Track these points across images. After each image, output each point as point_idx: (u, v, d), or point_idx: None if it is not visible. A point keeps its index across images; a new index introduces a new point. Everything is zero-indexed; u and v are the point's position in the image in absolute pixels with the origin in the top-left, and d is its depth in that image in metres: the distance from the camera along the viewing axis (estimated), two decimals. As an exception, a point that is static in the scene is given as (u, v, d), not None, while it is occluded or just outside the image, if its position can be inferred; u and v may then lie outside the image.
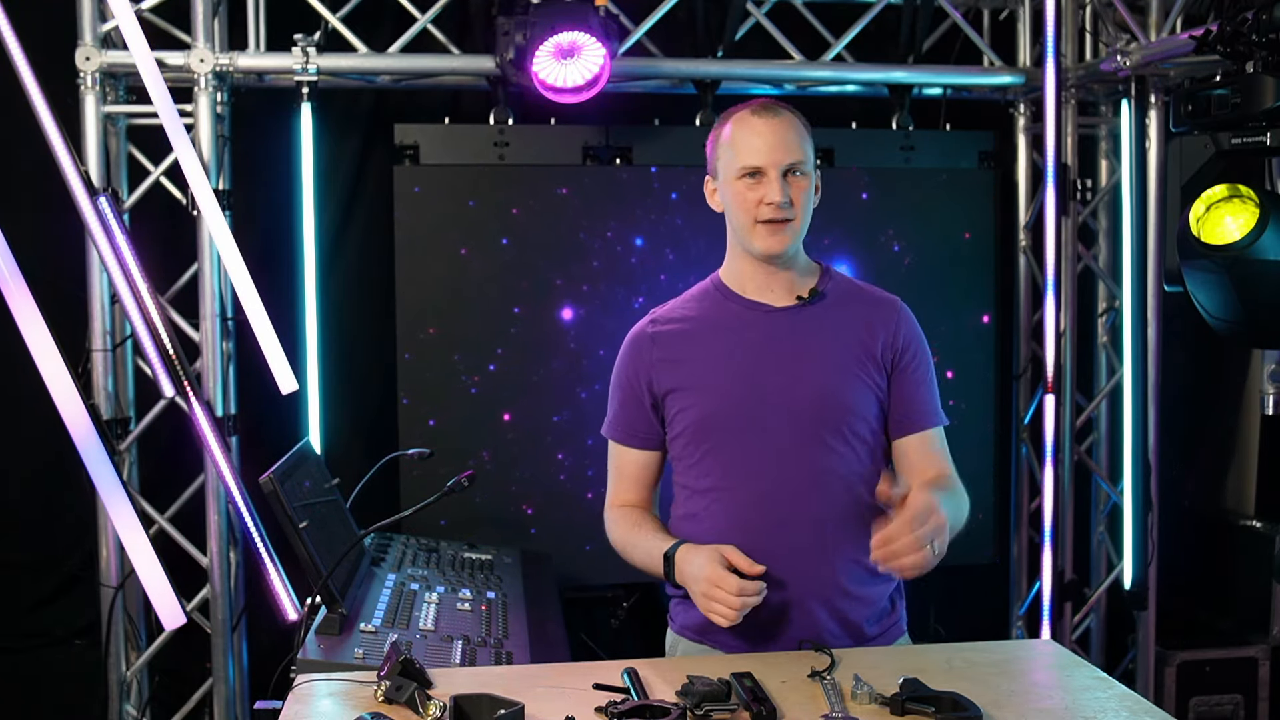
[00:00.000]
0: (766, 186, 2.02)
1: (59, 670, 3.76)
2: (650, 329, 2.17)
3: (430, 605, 2.50)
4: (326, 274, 3.69)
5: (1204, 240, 2.54)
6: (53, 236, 3.36)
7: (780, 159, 2.02)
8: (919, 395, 2.13)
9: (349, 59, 3.56)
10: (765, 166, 2.02)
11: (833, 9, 3.93)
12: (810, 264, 2.17)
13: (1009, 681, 1.86)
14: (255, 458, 3.23)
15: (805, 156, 2.05)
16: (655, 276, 3.73)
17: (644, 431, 2.18)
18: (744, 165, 2.03)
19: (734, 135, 2.06)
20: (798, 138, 2.04)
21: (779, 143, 2.02)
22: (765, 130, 2.03)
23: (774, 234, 2.04)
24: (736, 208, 2.07)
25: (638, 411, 2.17)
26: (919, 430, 2.13)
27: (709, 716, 1.69)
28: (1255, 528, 4.08)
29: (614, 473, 2.23)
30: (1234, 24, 2.47)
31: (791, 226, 2.05)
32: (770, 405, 2.06)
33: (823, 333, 2.10)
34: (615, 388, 2.20)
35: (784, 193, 2.01)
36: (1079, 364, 3.97)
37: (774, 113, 2.05)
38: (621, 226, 3.76)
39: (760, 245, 2.06)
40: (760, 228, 2.05)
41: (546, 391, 3.74)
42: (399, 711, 1.72)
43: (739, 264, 2.14)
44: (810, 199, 2.08)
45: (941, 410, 2.17)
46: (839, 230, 3.86)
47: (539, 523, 3.74)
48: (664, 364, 2.13)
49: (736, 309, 2.13)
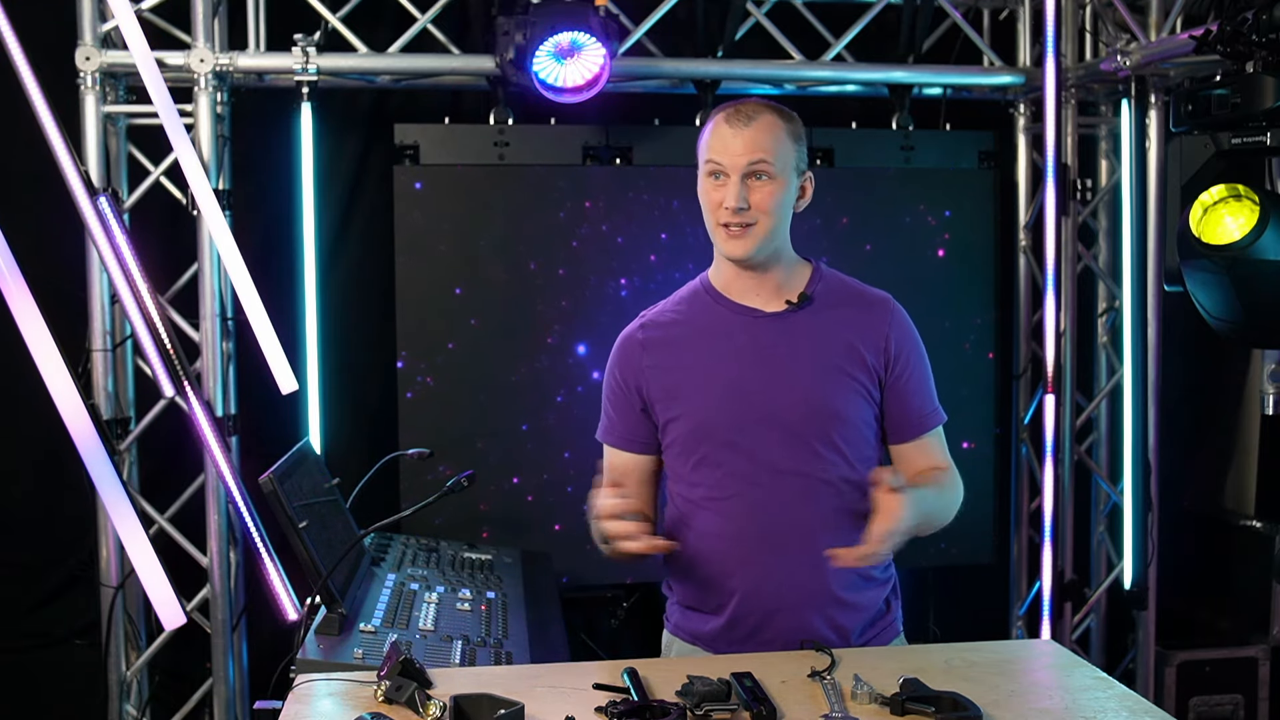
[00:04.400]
0: (725, 189, 1.99)
1: (59, 670, 3.76)
2: (640, 334, 2.15)
3: (430, 605, 2.50)
4: (326, 274, 3.69)
5: (1204, 240, 2.54)
6: (53, 236, 3.37)
7: (740, 162, 1.97)
8: (914, 401, 2.11)
9: (349, 59, 3.56)
10: (726, 167, 1.99)
11: (833, 9, 3.93)
12: (798, 263, 2.13)
13: (1009, 681, 1.86)
14: (255, 458, 3.24)
15: (774, 159, 1.98)
16: (656, 276, 3.73)
17: (638, 435, 2.16)
18: (707, 160, 2.01)
19: (707, 133, 2.04)
20: (770, 140, 1.99)
21: (743, 144, 1.97)
22: (731, 131, 1.98)
23: (733, 238, 2.01)
24: (703, 207, 2.06)
25: (631, 416, 2.15)
26: (916, 437, 2.12)
27: (709, 716, 1.69)
28: (1255, 528, 4.08)
29: (608, 476, 2.19)
30: (1234, 24, 2.47)
31: (753, 231, 1.99)
32: (759, 415, 2.04)
33: (811, 339, 2.07)
34: (608, 392, 2.18)
35: (740, 196, 1.96)
36: (1079, 364, 3.97)
37: (748, 116, 1.99)
38: (622, 226, 3.76)
39: (722, 248, 2.04)
40: (720, 230, 2.02)
41: (546, 391, 3.74)
42: (399, 711, 1.72)
43: (723, 267, 2.12)
44: (779, 203, 2.01)
45: (939, 408, 2.15)
46: (839, 230, 3.86)
47: (538, 522, 3.74)
48: (654, 370, 2.11)
49: (725, 313, 2.10)
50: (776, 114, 2.03)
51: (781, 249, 2.08)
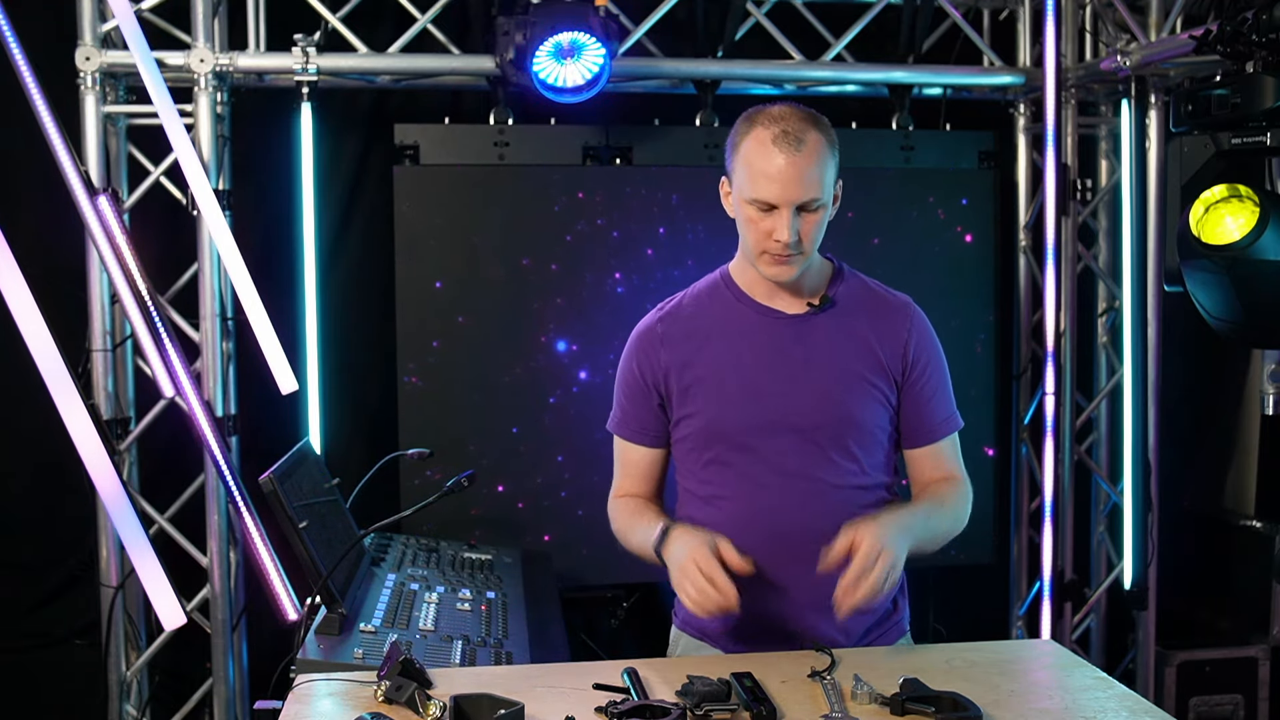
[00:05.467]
0: (777, 220, 1.95)
1: (59, 670, 3.76)
2: (659, 327, 2.14)
3: (430, 605, 2.50)
4: (326, 274, 3.69)
5: (1204, 240, 2.54)
6: (53, 236, 3.37)
7: (794, 197, 1.93)
8: (930, 407, 2.11)
9: (349, 59, 3.56)
10: (779, 204, 1.95)
11: (833, 9, 3.93)
12: (821, 263, 2.13)
13: (1009, 681, 1.86)
14: (255, 458, 3.24)
15: (823, 190, 1.96)
16: (656, 276, 3.73)
17: (652, 429, 2.16)
18: (756, 198, 1.96)
19: (750, 158, 1.96)
20: (818, 171, 1.94)
21: (795, 180, 1.92)
22: (783, 166, 1.92)
23: (778, 263, 2.00)
24: (745, 230, 2.02)
25: (645, 409, 2.14)
26: (930, 443, 2.12)
27: (709, 716, 1.69)
28: (1255, 528, 4.08)
29: (620, 468, 2.21)
30: (1234, 24, 2.47)
31: (798, 259, 2.00)
32: (775, 418, 2.04)
33: (831, 342, 2.07)
34: (622, 384, 2.18)
35: (793, 230, 1.95)
36: (1079, 364, 3.97)
37: (795, 146, 1.92)
38: (622, 227, 3.75)
39: (766, 272, 2.03)
40: (766, 256, 2.00)
41: (546, 391, 3.74)
42: (399, 711, 1.72)
43: (748, 269, 2.10)
44: (823, 227, 2.01)
45: (956, 414, 2.15)
46: (839, 230, 3.83)
47: (539, 522, 3.74)
48: (672, 365, 2.11)
49: (747, 312, 2.10)
50: (819, 130, 1.98)
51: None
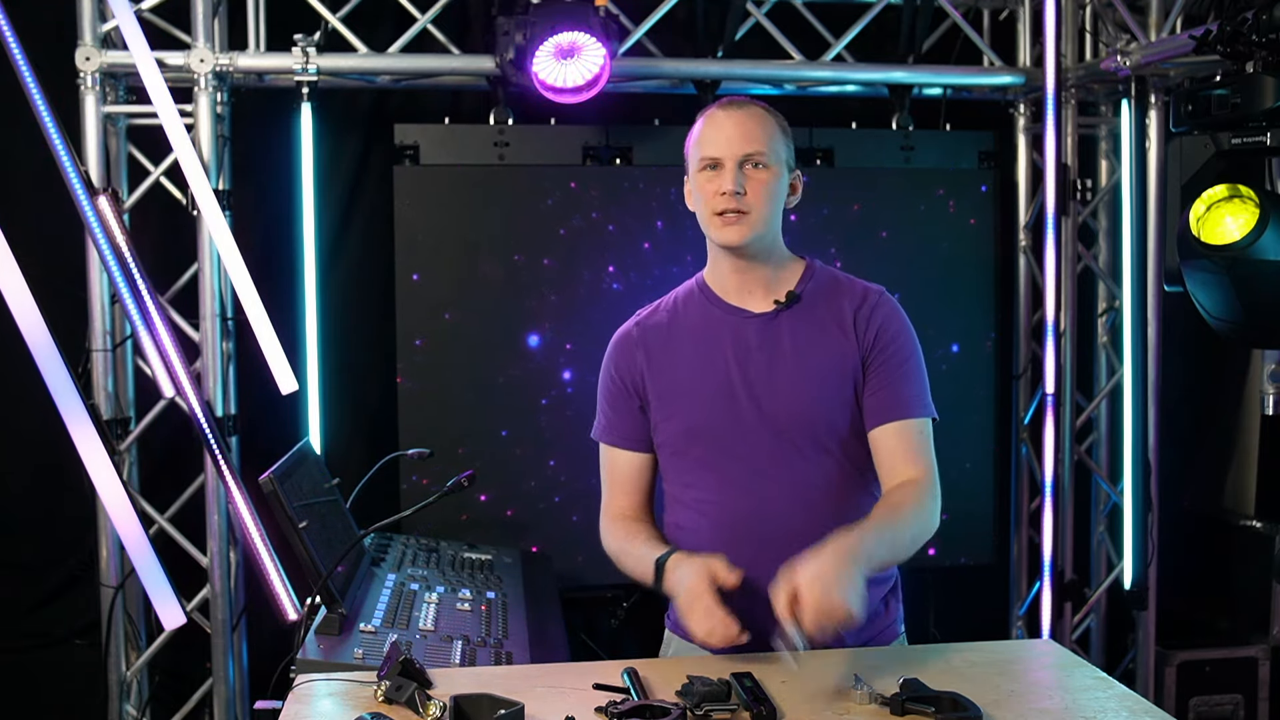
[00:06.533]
0: (722, 177, 2.00)
1: (59, 670, 3.76)
2: (635, 332, 2.15)
3: (430, 605, 2.50)
4: (326, 274, 3.69)
5: (1204, 240, 2.54)
6: (53, 236, 3.37)
7: (737, 150, 1.99)
8: (894, 384, 2.04)
9: (349, 59, 3.56)
10: (722, 157, 2.00)
11: (833, 9, 3.93)
12: (791, 260, 2.12)
13: (1009, 681, 1.86)
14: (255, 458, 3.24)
15: (767, 149, 2.00)
16: (655, 276, 3.73)
17: (636, 433, 2.15)
18: (703, 157, 2.02)
19: (699, 130, 2.05)
20: (761, 130, 2.01)
21: (737, 134, 1.99)
22: (725, 121, 2.01)
23: (728, 225, 2.01)
24: (698, 201, 2.05)
25: (628, 413, 2.14)
26: (892, 420, 2.04)
27: (709, 716, 1.69)
28: (1255, 528, 4.08)
29: (607, 478, 2.19)
30: (1234, 24, 2.47)
31: (747, 219, 2.00)
32: (749, 418, 2.03)
33: (796, 339, 2.06)
34: (603, 390, 2.18)
35: (738, 182, 1.98)
36: (1079, 364, 3.97)
37: (739, 106, 2.03)
38: (622, 227, 3.75)
39: (716, 236, 2.04)
40: (715, 219, 2.02)
41: (546, 391, 3.73)
42: (399, 711, 1.71)
43: (716, 264, 2.12)
44: (773, 192, 2.02)
45: (929, 404, 2.07)
46: (839, 230, 3.86)
47: (539, 522, 3.74)
48: (648, 369, 2.11)
49: (717, 314, 2.10)
50: (764, 108, 2.06)
51: (773, 244, 2.08)
